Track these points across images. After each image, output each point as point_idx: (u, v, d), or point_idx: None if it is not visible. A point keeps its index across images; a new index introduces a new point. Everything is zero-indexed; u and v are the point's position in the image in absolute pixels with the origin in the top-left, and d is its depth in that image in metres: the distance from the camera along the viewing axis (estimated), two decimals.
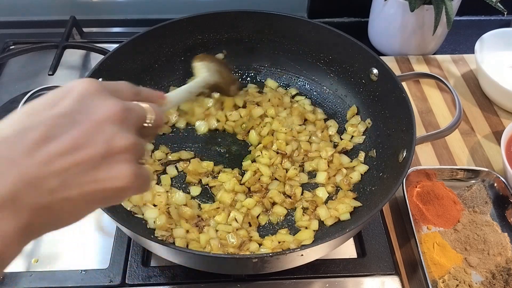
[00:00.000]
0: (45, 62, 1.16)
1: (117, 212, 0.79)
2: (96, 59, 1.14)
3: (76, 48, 1.21)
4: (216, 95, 1.00)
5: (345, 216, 0.84)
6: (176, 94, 0.75)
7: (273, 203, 0.87)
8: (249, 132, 0.98)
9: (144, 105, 0.50)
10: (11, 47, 1.24)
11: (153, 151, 0.95)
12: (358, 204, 0.85)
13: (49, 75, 1.10)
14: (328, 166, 0.92)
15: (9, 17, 1.33)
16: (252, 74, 1.09)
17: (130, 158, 0.44)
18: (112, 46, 0.99)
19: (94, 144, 0.41)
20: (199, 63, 0.89)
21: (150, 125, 0.50)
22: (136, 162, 0.45)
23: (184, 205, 0.85)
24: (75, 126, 0.41)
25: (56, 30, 1.26)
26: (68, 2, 1.32)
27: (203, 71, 0.88)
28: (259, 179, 0.90)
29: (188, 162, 0.93)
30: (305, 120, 1.01)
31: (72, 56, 1.23)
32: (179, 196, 0.86)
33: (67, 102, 0.43)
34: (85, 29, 1.31)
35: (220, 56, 1.06)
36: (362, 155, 0.93)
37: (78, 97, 0.43)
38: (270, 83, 1.08)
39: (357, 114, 1.00)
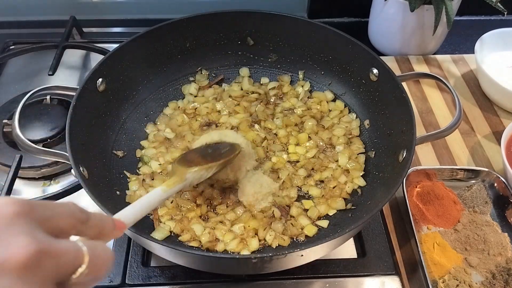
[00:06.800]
0: (45, 62, 1.16)
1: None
2: (96, 59, 1.14)
3: (76, 48, 1.22)
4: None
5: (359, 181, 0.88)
6: (137, 209, 0.57)
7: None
8: None
9: (84, 247, 0.37)
10: (11, 47, 1.25)
11: None
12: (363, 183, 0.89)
13: (49, 75, 1.10)
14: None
15: (9, 17, 1.33)
16: (251, 73, 1.09)
17: None
18: (112, 46, 0.99)
19: None
20: (191, 169, 0.70)
21: (80, 280, 0.36)
22: None
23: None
24: None
25: (56, 30, 1.26)
26: (68, 2, 1.33)
27: (190, 177, 0.70)
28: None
29: None
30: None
31: (72, 56, 1.23)
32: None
33: None
34: (85, 29, 1.31)
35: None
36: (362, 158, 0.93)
37: None
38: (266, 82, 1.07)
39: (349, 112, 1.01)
